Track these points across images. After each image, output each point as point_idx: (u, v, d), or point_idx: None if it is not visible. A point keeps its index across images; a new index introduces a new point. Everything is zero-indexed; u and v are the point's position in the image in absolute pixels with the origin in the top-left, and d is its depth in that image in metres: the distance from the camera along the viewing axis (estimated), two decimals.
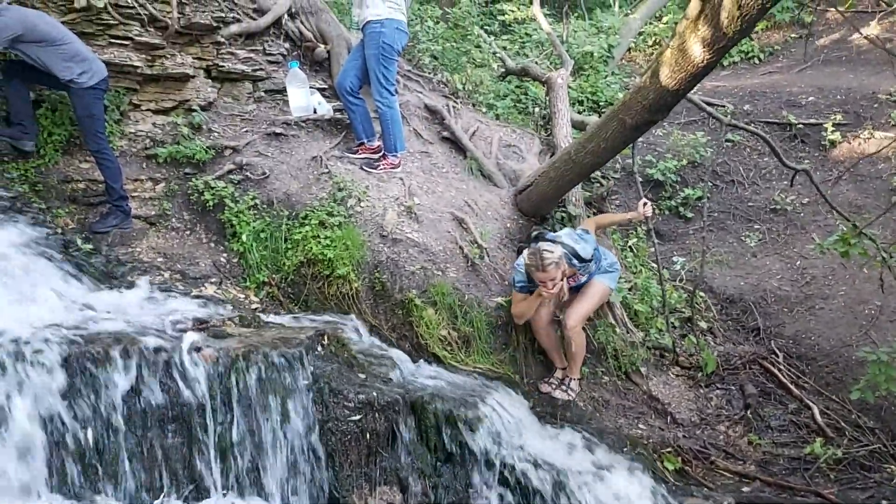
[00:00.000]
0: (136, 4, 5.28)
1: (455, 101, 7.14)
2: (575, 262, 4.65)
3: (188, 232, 5.37)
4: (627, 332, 5.41)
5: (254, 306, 4.98)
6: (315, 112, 6.10)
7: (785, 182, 7.27)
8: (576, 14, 11.40)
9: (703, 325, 6.03)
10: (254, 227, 5.22)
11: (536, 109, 7.78)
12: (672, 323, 5.79)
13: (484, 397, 4.20)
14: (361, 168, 5.75)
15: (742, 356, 5.86)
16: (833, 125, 7.74)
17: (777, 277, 6.59)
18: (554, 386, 4.87)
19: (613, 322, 5.31)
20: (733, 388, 5.59)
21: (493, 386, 4.46)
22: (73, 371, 3.37)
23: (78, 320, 3.86)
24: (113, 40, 5.27)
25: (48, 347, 3.39)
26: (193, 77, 5.70)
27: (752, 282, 6.61)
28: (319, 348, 4.03)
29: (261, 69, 6.16)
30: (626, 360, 5.25)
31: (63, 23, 4.97)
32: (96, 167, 4.98)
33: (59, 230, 4.79)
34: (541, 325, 4.83)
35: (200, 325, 3.91)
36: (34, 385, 3.29)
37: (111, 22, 5.22)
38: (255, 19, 6.17)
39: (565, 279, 4.59)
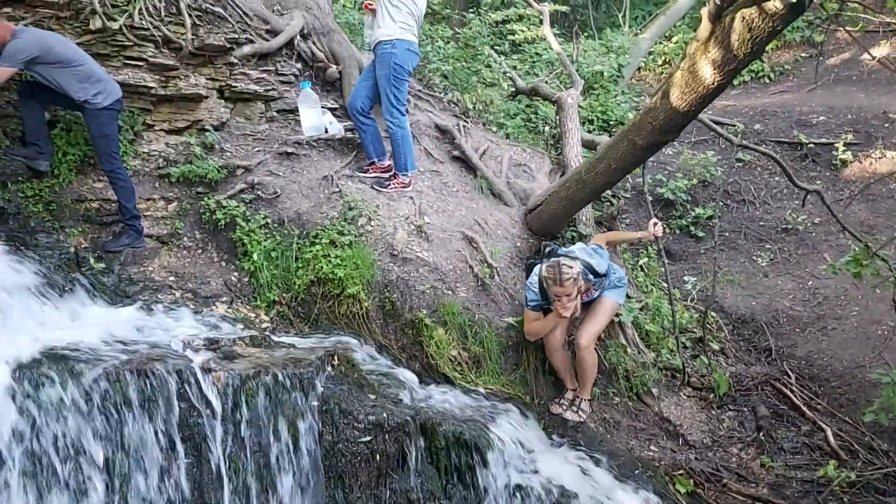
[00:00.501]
0: (150, 26, 5.34)
1: (465, 121, 7.16)
2: (590, 276, 4.67)
3: (200, 251, 5.39)
4: (639, 353, 5.39)
5: (264, 325, 4.99)
6: (326, 132, 6.13)
7: (796, 201, 7.25)
8: (586, 34, 11.46)
9: (715, 346, 5.99)
10: (265, 246, 5.24)
11: (547, 128, 7.80)
12: (683, 343, 5.76)
13: (494, 419, 4.19)
14: (372, 187, 5.77)
15: (754, 377, 5.83)
16: (844, 145, 7.73)
17: (789, 297, 6.56)
18: (565, 407, 4.84)
19: (625, 342, 5.29)
20: (745, 409, 5.55)
21: (504, 407, 4.45)
22: (83, 392, 3.38)
23: (89, 340, 3.87)
24: (128, 61, 5.33)
25: (60, 368, 3.40)
26: (206, 97, 5.75)
27: (763, 302, 6.58)
28: (329, 369, 4.03)
29: (273, 89, 6.21)
30: (638, 380, 5.21)
31: (78, 44, 5.03)
32: (110, 187, 5.02)
33: (73, 249, 4.82)
34: (554, 346, 4.81)
35: (211, 345, 3.92)
36: (46, 405, 3.30)
37: (126, 43, 5.28)
38: (267, 40, 6.22)
39: (579, 295, 4.60)
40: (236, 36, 5.93)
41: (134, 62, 5.34)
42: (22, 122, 4.97)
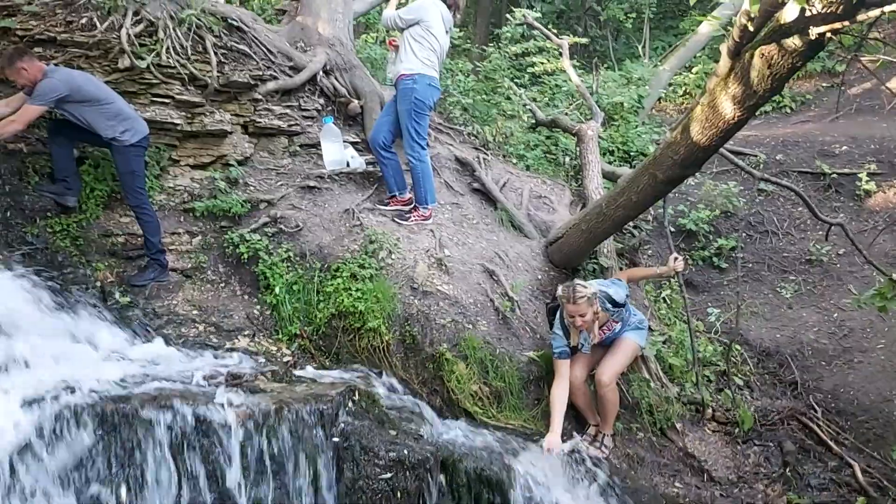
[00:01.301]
0: (177, 64, 5.46)
1: (485, 153, 7.21)
2: (608, 305, 4.67)
3: (223, 284, 5.44)
4: (662, 387, 5.33)
5: (286, 359, 5.01)
6: (348, 165, 6.21)
7: (820, 232, 7.18)
8: (605, 65, 11.52)
9: (739, 380, 5.91)
10: (287, 280, 5.28)
11: (567, 160, 7.83)
12: (707, 377, 5.70)
13: (516, 455, 4.15)
14: (393, 220, 5.81)
15: (780, 411, 5.73)
16: (868, 175, 7.66)
17: (814, 330, 6.47)
18: (587, 443, 4.79)
19: (648, 377, 5.24)
20: (771, 444, 5.45)
21: (526, 443, 4.41)
22: (107, 428, 3.41)
23: (114, 375, 3.91)
24: (155, 98, 5.45)
25: (84, 404, 3.43)
26: (231, 133, 5.85)
27: (788, 334, 6.49)
28: (350, 404, 4.03)
29: (296, 124, 6.30)
30: (661, 415, 5.15)
31: (107, 82, 5.16)
32: (136, 221, 5.11)
33: (99, 283, 4.90)
34: (575, 385, 4.78)
35: (234, 380, 3.94)
36: (69, 441, 3.34)
37: (153, 81, 5.40)
38: (291, 76, 6.33)
39: (597, 326, 4.64)
40: (261, 73, 6.05)
41: (161, 99, 5.46)
42: (51, 158, 5.09)
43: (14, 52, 4.70)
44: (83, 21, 5.33)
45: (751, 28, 3.53)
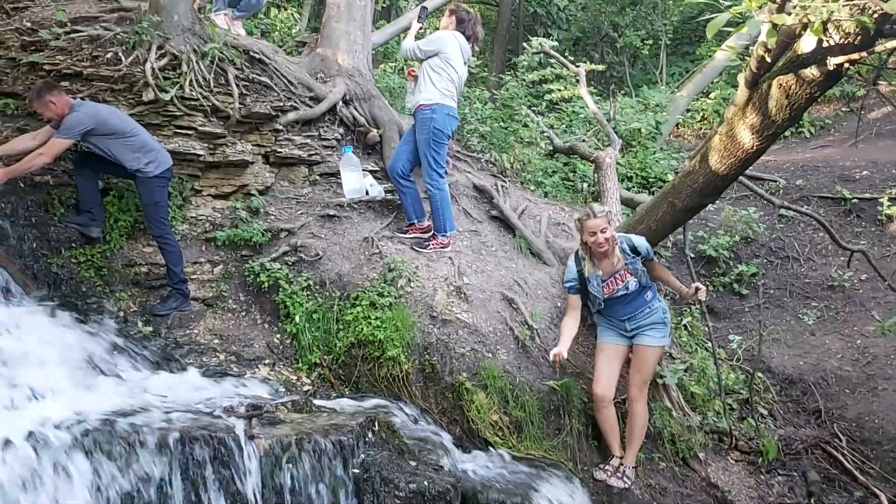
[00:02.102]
0: (200, 96, 5.55)
1: (503, 180, 7.24)
2: (626, 249, 4.74)
3: (244, 313, 5.48)
4: (684, 416, 5.28)
5: (305, 388, 5.02)
6: (367, 194, 6.25)
7: (842, 258, 7.12)
8: (622, 91, 11.55)
9: (762, 409, 5.85)
10: (307, 308, 5.31)
11: (585, 186, 7.84)
12: (730, 405, 5.64)
13: (537, 486, 4.12)
14: (412, 248, 5.83)
15: (804, 440, 5.67)
16: (889, 200, 7.61)
17: (837, 357, 6.40)
18: (609, 473, 4.74)
19: (670, 405, 5.20)
20: (796, 474, 5.38)
21: (547, 473, 4.38)
22: (129, 458, 3.43)
23: (135, 406, 3.93)
24: (178, 130, 5.53)
25: (106, 434, 3.46)
26: (252, 163, 5.92)
27: (811, 361, 6.42)
28: (370, 435, 4.02)
29: (316, 154, 6.37)
30: (684, 444, 5.10)
31: (131, 115, 5.26)
32: (158, 251, 5.17)
33: (122, 313, 4.95)
34: (600, 400, 4.78)
35: (254, 410, 3.95)
36: (89, 473, 3.36)
37: (177, 113, 5.49)
38: (311, 107, 6.41)
39: (616, 261, 4.74)
40: (281, 104, 6.13)
41: (184, 131, 5.54)
42: (76, 190, 5.17)
43: (43, 86, 4.81)
44: (109, 55, 5.45)
45: (768, 59, 3.55)
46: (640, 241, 4.82)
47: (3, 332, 4.10)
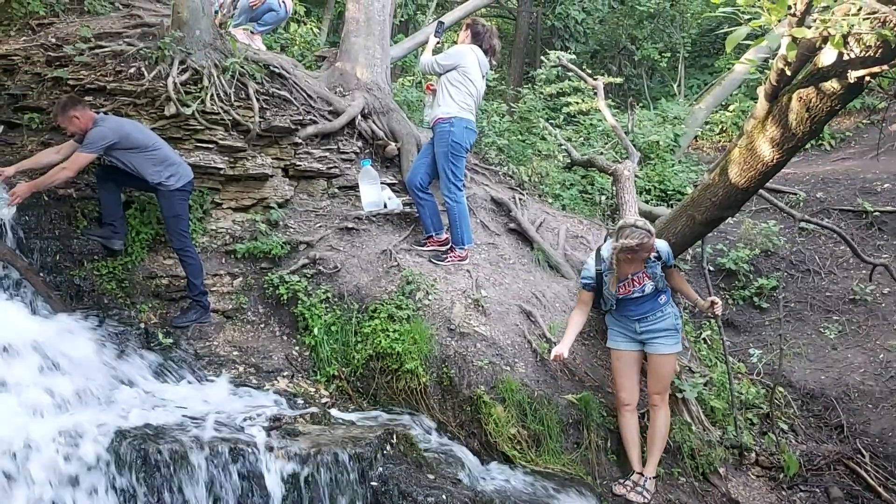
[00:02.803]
0: (220, 111, 5.62)
1: (521, 193, 7.24)
2: (651, 256, 4.67)
3: (263, 325, 5.52)
4: (704, 430, 5.23)
5: (324, 400, 5.03)
6: (385, 207, 6.28)
7: (864, 271, 7.05)
8: (640, 104, 11.54)
9: (783, 424, 5.78)
10: (325, 321, 5.33)
11: (603, 199, 7.82)
12: (750, 420, 5.59)
13: (556, 500, 4.10)
14: (430, 260, 5.84)
15: (826, 456, 5.59)
16: None
17: (860, 371, 6.32)
18: (629, 488, 4.70)
19: (689, 420, 5.15)
20: (818, 490, 5.31)
21: (565, 488, 4.35)
22: (150, 469, 3.46)
23: (156, 417, 3.97)
24: (199, 144, 5.60)
25: (127, 445, 3.49)
26: (272, 176, 5.97)
27: (833, 376, 6.35)
28: (388, 447, 4.03)
29: (335, 167, 6.41)
30: (704, 459, 5.05)
31: (153, 129, 5.33)
32: (179, 264, 5.22)
33: (143, 325, 5.00)
34: (625, 404, 4.78)
35: (274, 422, 3.97)
36: (111, 483, 3.39)
37: (198, 127, 5.56)
38: (330, 121, 6.46)
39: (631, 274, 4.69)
40: (301, 117, 6.18)
41: (205, 145, 5.61)
42: (99, 203, 5.24)
43: (67, 101, 4.88)
44: (132, 70, 5.53)
45: (788, 72, 3.54)
46: (663, 246, 4.76)
47: (26, 343, 4.15)
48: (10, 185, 4.81)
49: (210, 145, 5.63)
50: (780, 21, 3.25)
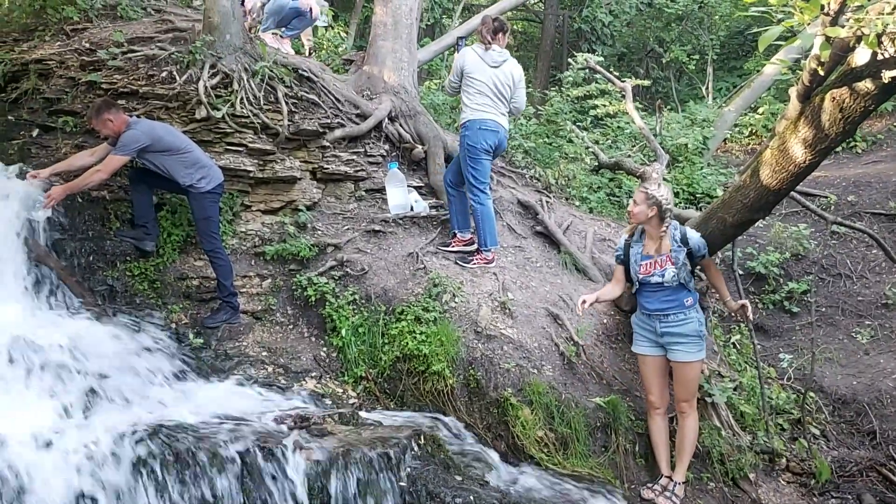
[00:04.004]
0: (250, 114, 5.68)
1: (548, 196, 7.23)
2: (676, 237, 4.65)
3: (291, 326, 5.56)
4: (734, 435, 5.17)
5: (351, 401, 5.06)
6: (412, 209, 6.31)
7: None
8: (668, 107, 11.46)
9: (815, 429, 5.70)
10: (352, 322, 5.36)
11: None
12: (781, 425, 5.51)
13: (584, 503, 4.07)
14: (456, 263, 5.85)
15: (858, 462, 5.50)
16: None
17: (892, 377, 6.21)
18: (657, 492, 4.67)
19: (719, 425, 5.10)
20: (850, 497, 5.23)
21: (593, 491, 4.33)
22: (182, 466, 3.50)
23: (187, 415, 4.02)
24: (229, 147, 5.67)
25: (157, 444, 3.54)
26: (300, 179, 6.03)
27: (865, 381, 6.24)
28: (416, 448, 4.04)
29: (362, 170, 6.45)
30: (733, 465, 5.00)
31: (185, 132, 5.40)
32: (209, 265, 5.28)
33: (174, 325, 5.07)
34: (655, 407, 4.75)
35: (303, 422, 4.00)
36: (144, 480, 3.44)
37: (228, 130, 5.62)
38: (357, 124, 6.50)
39: (656, 245, 4.69)
40: (329, 121, 6.23)
41: (235, 148, 5.68)
42: (132, 205, 5.32)
43: (102, 104, 4.97)
44: (163, 74, 5.61)
45: (821, 72, 3.50)
46: (694, 235, 4.69)
47: (62, 343, 4.22)
48: (46, 188, 4.90)
49: (240, 148, 5.70)
50: (812, 20, 3.22)
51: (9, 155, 5.51)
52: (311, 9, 7.52)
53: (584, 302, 4.80)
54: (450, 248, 5.98)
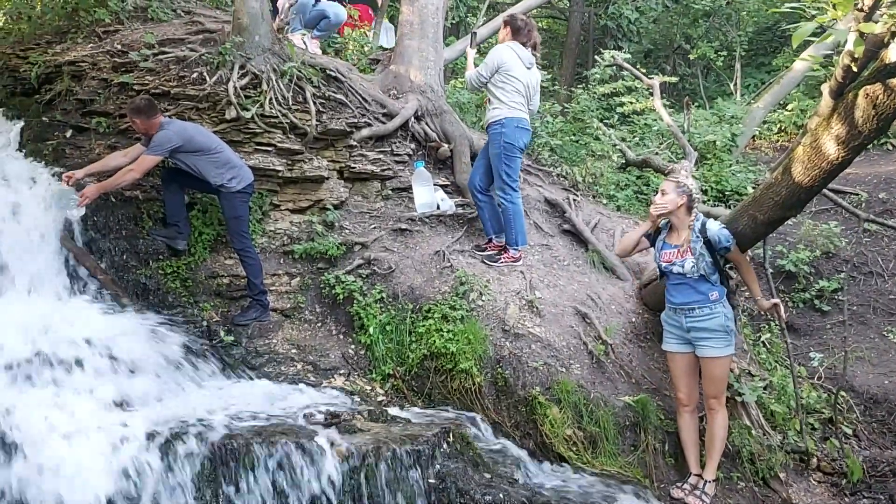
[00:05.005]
0: (279, 114, 5.73)
1: (575, 194, 7.21)
2: (696, 228, 4.62)
3: (320, 324, 5.61)
4: (764, 435, 5.13)
5: (379, 398, 5.09)
6: (438, 208, 6.32)
7: None
8: (696, 104, 11.36)
9: (847, 429, 5.63)
10: (380, 320, 5.40)
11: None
12: (812, 424, 5.45)
13: (614, 502, 4.07)
14: (483, 262, 5.85)
15: (890, 462, 5.42)
16: None
17: None
18: (687, 491, 4.64)
19: (749, 424, 5.06)
20: (882, 497, 5.16)
21: (622, 490, 4.32)
22: (215, 464, 3.55)
23: (219, 412, 4.07)
24: (258, 147, 5.72)
25: (192, 441, 3.59)
26: (328, 178, 6.07)
27: None
28: (445, 446, 4.06)
29: (388, 169, 6.48)
30: (764, 464, 4.95)
31: (215, 132, 5.47)
32: (240, 263, 5.35)
33: (205, 322, 5.14)
34: (683, 404, 4.73)
35: (333, 418, 4.04)
36: (178, 478, 3.50)
37: (257, 130, 5.68)
38: (384, 123, 6.53)
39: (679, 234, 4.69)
40: (356, 120, 6.26)
41: (264, 148, 5.73)
42: (164, 204, 5.40)
43: (141, 102, 5.04)
44: (194, 76, 5.69)
45: (854, 68, 3.46)
46: (714, 226, 4.64)
47: (96, 339, 4.30)
48: (80, 187, 4.99)
49: (269, 148, 5.75)
50: (846, 16, 3.19)
51: (44, 155, 5.62)
52: (337, 11, 7.56)
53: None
54: (486, 253, 5.97)
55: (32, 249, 4.76)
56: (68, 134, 5.79)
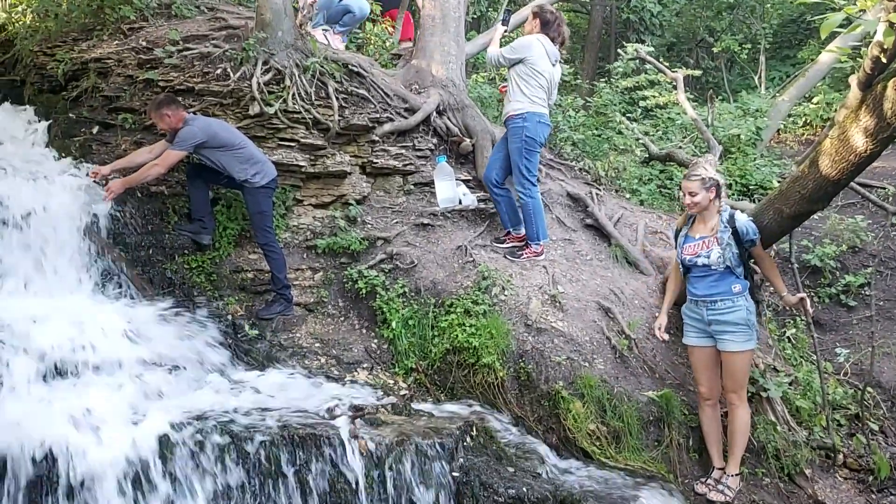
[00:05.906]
0: (302, 110, 5.76)
1: (598, 188, 7.17)
2: (724, 219, 4.59)
3: (342, 318, 5.64)
4: (789, 431, 5.08)
5: (402, 392, 5.11)
6: (460, 203, 6.31)
7: None
8: (720, 97, 11.25)
9: (873, 425, 5.56)
10: (402, 315, 5.42)
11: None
12: (838, 421, 5.39)
13: (636, 496, 4.06)
14: (505, 256, 5.85)
15: None
16: None
17: None
18: (710, 486, 4.62)
19: (774, 419, 5.02)
20: None
21: (646, 485, 4.30)
22: (242, 455, 3.59)
23: (244, 405, 4.11)
24: (281, 142, 5.75)
25: (216, 433, 3.63)
26: (350, 173, 6.09)
27: None
28: (468, 439, 4.08)
29: (410, 164, 6.48)
30: (789, 460, 4.91)
31: (239, 128, 5.51)
32: (264, 258, 5.39)
33: (230, 316, 5.19)
34: (705, 398, 4.70)
35: (357, 412, 4.06)
36: (205, 470, 3.53)
37: (280, 126, 5.71)
38: (406, 118, 6.53)
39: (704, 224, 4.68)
40: (378, 115, 6.27)
41: (287, 143, 5.76)
42: (189, 199, 5.45)
43: (164, 99, 5.11)
44: (218, 72, 5.72)
45: (883, 59, 3.42)
46: (742, 217, 4.60)
47: (123, 332, 4.36)
48: (106, 182, 5.06)
49: (292, 143, 5.78)
50: (875, 6, 3.14)
51: (71, 151, 5.69)
52: (359, 7, 7.58)
53: (660, 328, 4.96)
54: (505, 245, 5.97)
55: (61, 244, 4.82)
56: (95, 130, 5.86)
